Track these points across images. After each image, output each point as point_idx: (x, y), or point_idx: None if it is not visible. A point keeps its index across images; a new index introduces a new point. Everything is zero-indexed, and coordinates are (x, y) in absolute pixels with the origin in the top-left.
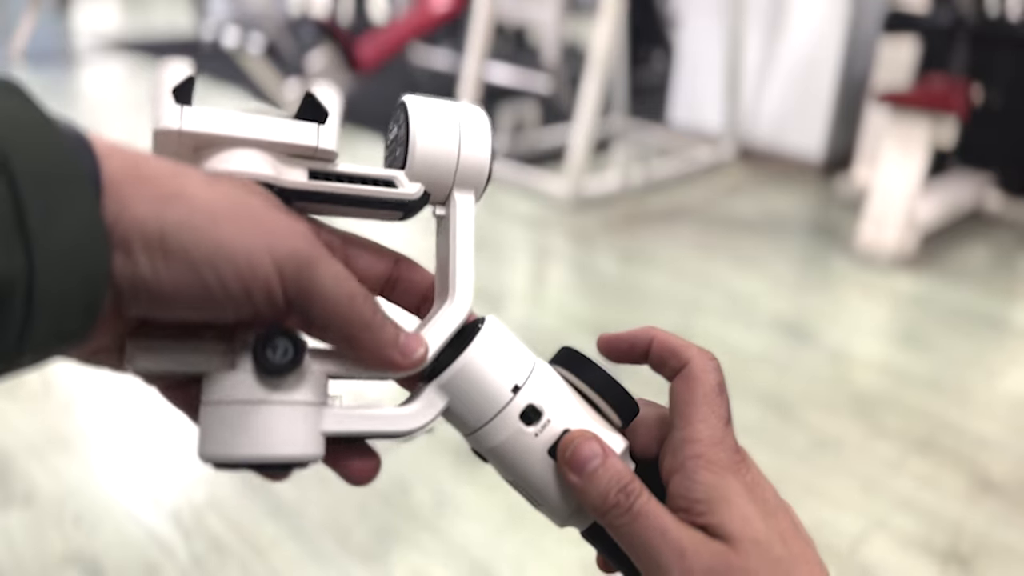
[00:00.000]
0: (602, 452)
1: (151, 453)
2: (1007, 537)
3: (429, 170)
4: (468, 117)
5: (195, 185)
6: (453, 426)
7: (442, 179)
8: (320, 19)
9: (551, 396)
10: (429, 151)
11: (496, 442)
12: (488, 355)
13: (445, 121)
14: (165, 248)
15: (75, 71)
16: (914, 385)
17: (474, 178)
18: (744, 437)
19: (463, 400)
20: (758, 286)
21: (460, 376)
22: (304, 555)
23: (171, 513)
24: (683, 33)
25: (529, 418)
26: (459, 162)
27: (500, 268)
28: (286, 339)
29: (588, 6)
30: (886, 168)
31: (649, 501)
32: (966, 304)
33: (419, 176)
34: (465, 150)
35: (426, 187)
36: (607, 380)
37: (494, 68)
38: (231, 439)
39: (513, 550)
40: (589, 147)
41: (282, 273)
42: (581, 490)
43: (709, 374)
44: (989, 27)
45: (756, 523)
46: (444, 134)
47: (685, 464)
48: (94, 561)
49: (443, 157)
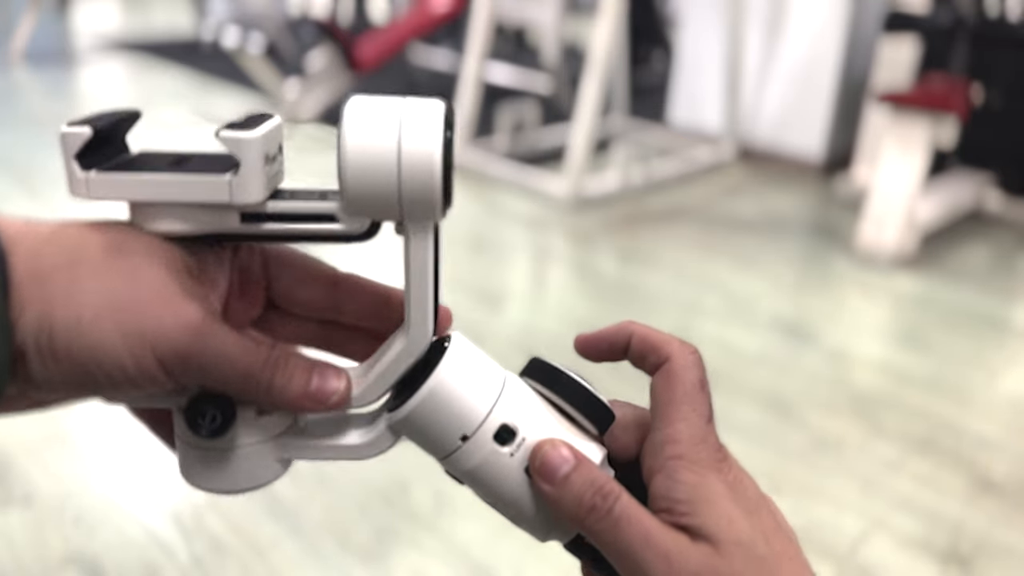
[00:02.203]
0: (573, 457)
1: (151, 453)
2: (1007, 537)
3: (368, 205)
4: (411, 127)
5: (88, 276)
6: (425, 451)
7: (385, 211)
8: (320, 19)
9: (524, 412)
10: (361, 184)
11: (471, 465)
12: (455, 379)
13: (382, 142)
14: (53, 350)
15: (75, 71)
16: (914, 385)
17: (421, 209)
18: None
19: (432, 427)
20: (758, 286)
21: (425, 404)
22: (304, 555)
23: (171, 513)
24: (683, 33)
25: (503, 438)
26: (401, 192)
27: (500, 268)
28: (213, 406)
29: (588, 6)
30: (886, 168)
31: (629, 503)
32: (966, 304)
33: (359, 205)
34: (407, 180)
35: (371, 216)
36: (579, 390)
37: (494, 68)
38: (200, 474)
39: (513, 550)
40: (589, 147)
41: (165, 365)
42: (555, 499)
43: (690, 370)
44: (989, 27)
45: (739, 523)
46: (380, 160)
47: (666, 464)
48: (94, 561)
49: (381, 190)
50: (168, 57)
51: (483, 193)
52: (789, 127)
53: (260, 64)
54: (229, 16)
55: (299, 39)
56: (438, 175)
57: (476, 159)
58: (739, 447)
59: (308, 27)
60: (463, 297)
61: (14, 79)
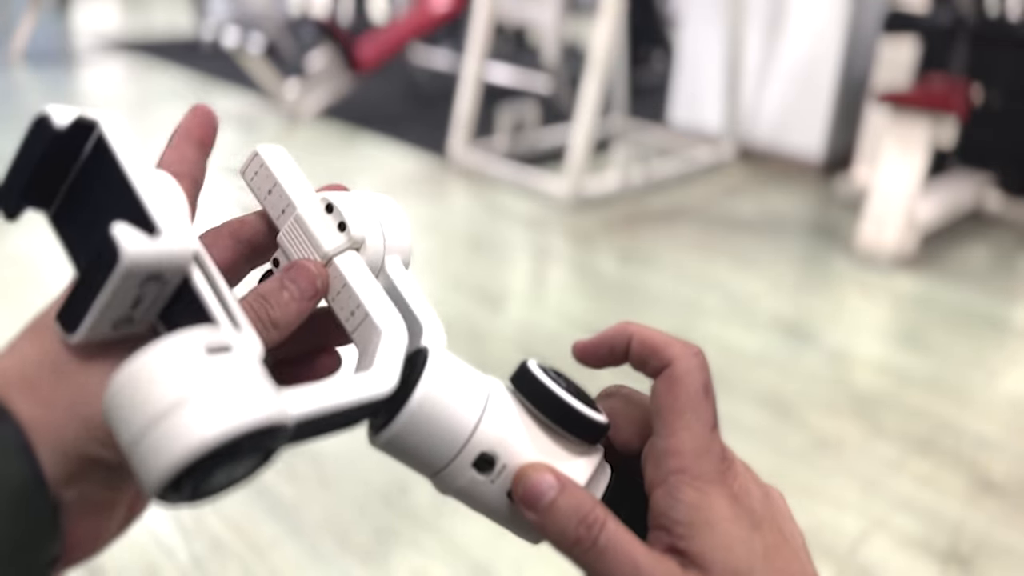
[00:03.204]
0: (557, 483)
1: None
2: (1007, 537)
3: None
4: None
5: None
6: (413, 471)
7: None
8: (320, 19)
9: (506, 435)
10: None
11: (454, 488)
12: (434, 399)
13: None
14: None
15: (75, 71)
16: (914, 385)
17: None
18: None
19: (414, 451)
20: (758, 286)
21: (406, 428)
22: (304, 555)
23: (171, 513)
24: (683, 33)
25: (483, 467)
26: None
27: (500, 268)
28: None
29: (588, 6)
30: (886, 168)
31: (616, 532)
32: (966, 304)
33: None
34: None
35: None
36: (564, 408)
37: (494, 68)
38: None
39: (513, 550)
40: (589, 147)
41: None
42: (540, 527)
43: (694, 374)
44: (989, 27)
45: (737, 550)
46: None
47: (668, 479)
48: (94, 561)
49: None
50: (168, 57)
51: (483, 193)
52: (789, 127)
53: (260, 64)
54: (229, 16)
55: (299, 39)
56: None
57: (476, 159)
58: (739, 447)
59: (308, 27)
60: (463, 297)
61: (14, 79)
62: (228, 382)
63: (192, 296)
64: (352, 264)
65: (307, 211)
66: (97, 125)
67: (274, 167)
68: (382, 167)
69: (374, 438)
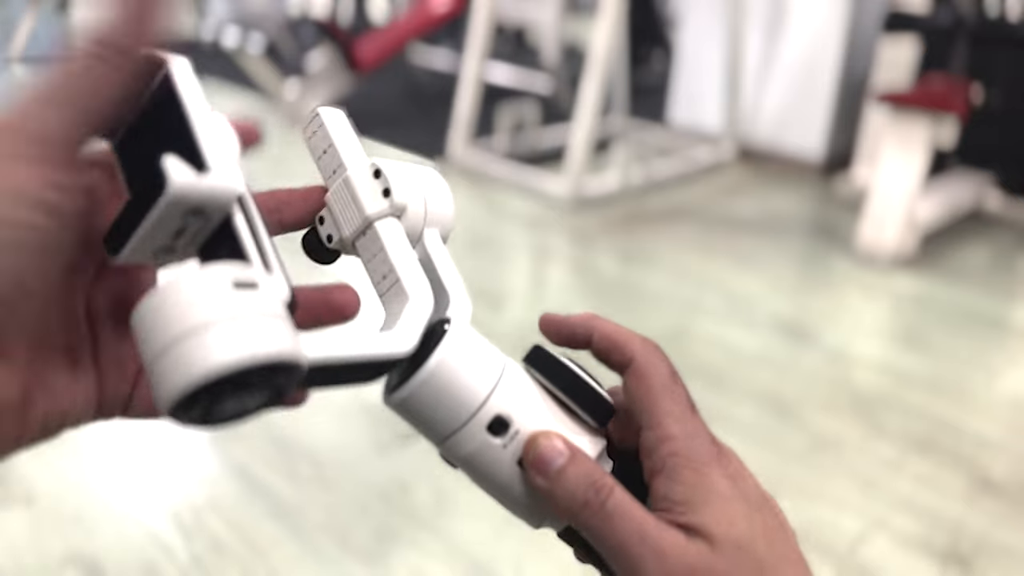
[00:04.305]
0: (567, 450)
1: (151, 453)
2: (1007, 537)
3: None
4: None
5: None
6: (422, 435)
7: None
8: (320, 19)
9: (520, 404)
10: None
11: (463, 453)
12: (452, 365)
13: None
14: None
15: None
16: (914, 385)
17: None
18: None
19: (429, 412)
20: (758, 286)
21: (422, 389)
22: (304, 555)
23: (171, 513)
24: (683, 33)
25: (496, 429)
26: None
27: (500, 268)
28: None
29: (588, 6)
30: (886, 168)
31: (623, 498)
32: (966, 304)
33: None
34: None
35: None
36: (578, 382)
37: (494, 68)
38: None
39: (513, 550)
40: (589, 147)
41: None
42: (548, 492)
43: (658, 365)
44: (989, 27)
45: (739, 524)
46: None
47: (665, 464)
48: (94, 561)
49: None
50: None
51: (483, 193)
52: (789, 127)
53: (260, 64)
54: (229, 16)
55: (299, 39)
56: None
57: (476, 159)
58: (739, 447)
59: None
60: None
61: (14, 79)
62: (249, 315)
63: (231, 235)
64: (391, 230)
65: (356, 174)
66: (166, 63)
67: (331, 129)
68: None
69: (388, 398)
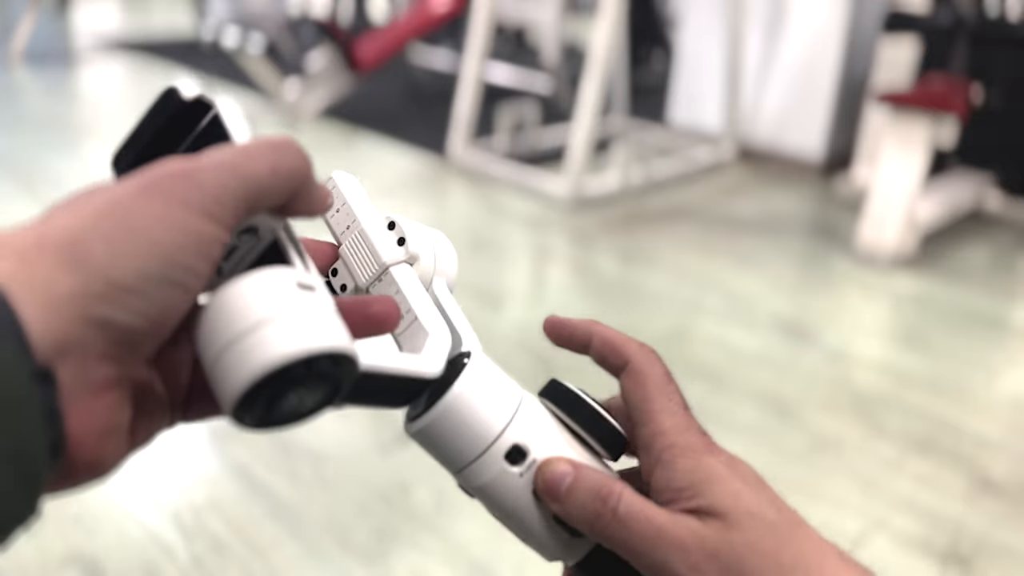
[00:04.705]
0: (572, 468)
1: (151, 453)
2: (1007, 537)
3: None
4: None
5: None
6: (442, 464)
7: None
8: (320, 19)
9: (537, 434)
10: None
11: (482, 481)
12: (473, 394)
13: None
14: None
15: (75, 71)
16: (914, 385)
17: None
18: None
19: (448, 441)
20: (758, 286)
21: (443, 418)
22: (304, 555)
23: (171, 513)
24: (683, 33)
25: (514, 458)
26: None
27: (500, 268)
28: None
29: (588, 6)
30: (886, 168)
31: (633, 500)
32: (966, 304)
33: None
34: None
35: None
36: (594, 415)
37: (494, 68)
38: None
39: (513, 550)
40: (589, 147)
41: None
42: (564, 514)
43: (654, 366)
44: (989, 27)
45: (745, 495)
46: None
47: (661, 457)
48: (94, 561)
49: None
50: (168, 57)
51: (483, 193)
52: (789, 127)
53: (260, 64)
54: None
55: (299, 39)
56: None
57: (476, 159)
58: (739, 447)
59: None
60: (463, 297)
61: (14, 79)
62: (313, 310)
63: (279, 253)
64: (406, 274)
65: (371, 226)
66: (215, 105)
67: (345, 190)
68: (382, 167)
69: (410, 426)
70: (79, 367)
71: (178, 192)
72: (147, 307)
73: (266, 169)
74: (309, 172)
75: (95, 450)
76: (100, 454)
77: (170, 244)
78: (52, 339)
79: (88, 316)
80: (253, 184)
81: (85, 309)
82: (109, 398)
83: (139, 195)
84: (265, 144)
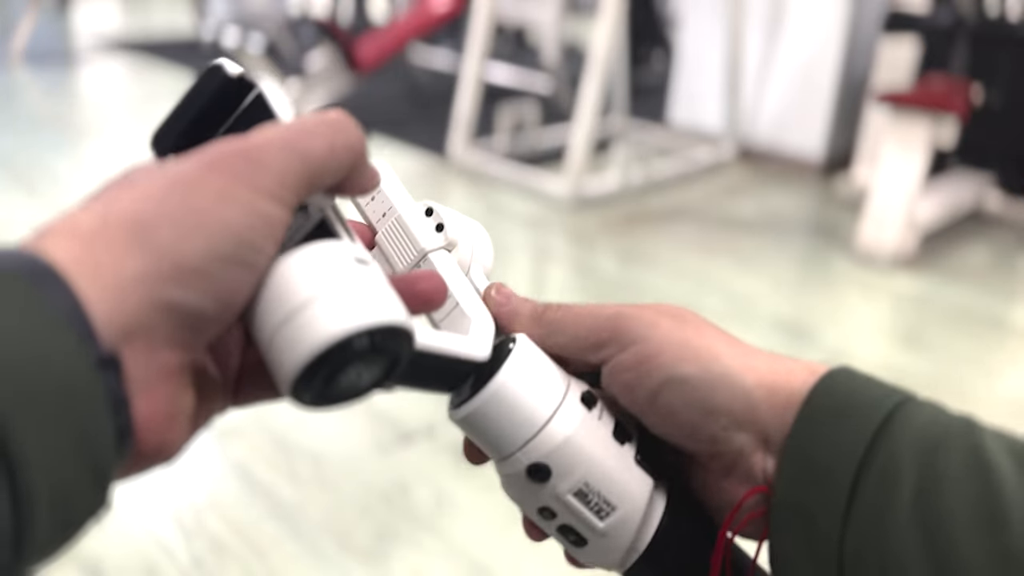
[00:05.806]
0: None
1: None
2: None
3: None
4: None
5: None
6: (484, 451)
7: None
8: (320, 19)
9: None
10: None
11: (557, 442)
12: (521, 377)
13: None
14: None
15: (75, 71)
16: (914, 385)
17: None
18: None
19: (495, 424)
20: (758, 286)
21: (492, 400)
22: (304, 555)
23: (171, 513)
24: (683, 33)
25: (589, 403)
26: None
27: (500, 268)
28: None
29: (588, 6)
30: (886, 168)
31: (559, 308)
32: (966, 304)
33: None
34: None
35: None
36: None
37: (494, 68)
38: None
39: (513, 550)
40: (589, 147)
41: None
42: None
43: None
44: (989, 27)
45: (644, 310)
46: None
47: (590, 357)
48: (94, 561)
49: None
50: (168, 57)
51: (483, 193)
52: (789, 127)
53: (260, 64)
54: (229, 16)
55: (299, 39)
56: None
57: (476, 159)
58: None
59: (308, 27)
60: None
61: (14, 79)
62: (372, 284)
63: (328, 230)
64: (445, 260)
65: (409, 213)
66: (258, 84)
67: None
68: None
69: (456, 412)
70: (145, 352)
71: (243, 172)
72: (216, 289)
73: (324, 147)
74: (364, 149)
75: (162, 436)
76: (166, 439)
77: (239, 224)
78: (118, 324)
79: (155, 299)
80: (313, 163)
81: (152, 292)
82: (174, 383)
83: (204, 174)
84: (322, 121)
